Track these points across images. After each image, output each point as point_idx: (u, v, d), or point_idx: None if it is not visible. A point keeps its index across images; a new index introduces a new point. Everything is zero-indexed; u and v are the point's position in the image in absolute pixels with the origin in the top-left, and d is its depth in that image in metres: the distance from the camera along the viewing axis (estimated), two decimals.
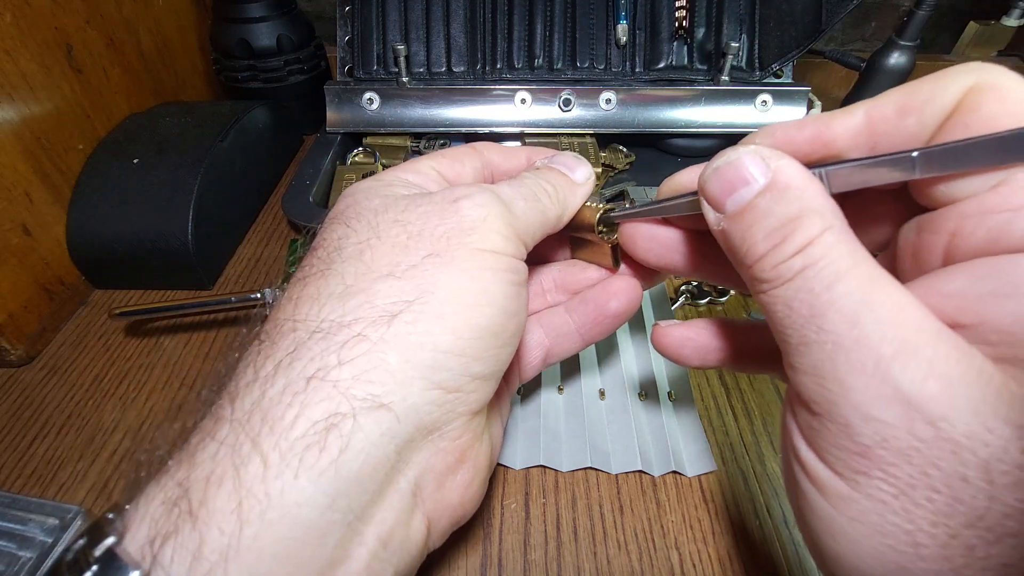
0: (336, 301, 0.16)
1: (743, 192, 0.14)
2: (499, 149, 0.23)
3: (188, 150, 0.36)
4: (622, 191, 0.41)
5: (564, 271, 0.24)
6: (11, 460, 0.27)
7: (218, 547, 0.12)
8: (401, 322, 0.15)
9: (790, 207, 0.13)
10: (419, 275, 0.16)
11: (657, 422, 0.27)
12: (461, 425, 0.16)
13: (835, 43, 0.65)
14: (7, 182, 0.30)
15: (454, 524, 0.18)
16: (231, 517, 0.13)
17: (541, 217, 0.19)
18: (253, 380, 0.15)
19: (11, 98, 0.31)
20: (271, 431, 0.13)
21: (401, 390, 0.15)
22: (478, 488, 0.18)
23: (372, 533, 0.15)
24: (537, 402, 0.28)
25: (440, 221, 0.17)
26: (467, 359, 0.16)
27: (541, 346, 0.23)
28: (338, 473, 0.13)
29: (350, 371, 0.14)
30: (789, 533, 0.24)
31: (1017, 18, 0.55)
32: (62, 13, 0.34)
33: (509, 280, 0.17)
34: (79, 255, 0.34)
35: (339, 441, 0.14)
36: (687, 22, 0.43)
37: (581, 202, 0.21)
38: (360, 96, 0.43)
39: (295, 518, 0.13)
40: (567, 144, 0.42)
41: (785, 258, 0.13)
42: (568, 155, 0.22)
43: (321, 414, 0.14)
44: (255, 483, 0.13)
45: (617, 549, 0.23)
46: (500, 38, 0.43)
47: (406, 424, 0.15)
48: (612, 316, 0.23)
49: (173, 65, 0.46)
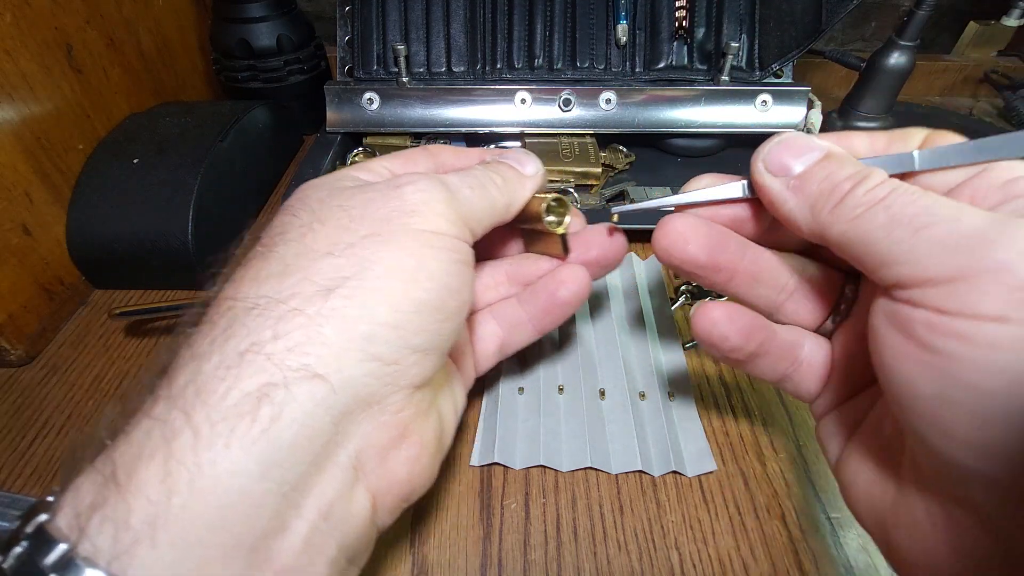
0: (275, 279, 0.16)
1: (809, 155, 0.17)
2: (452, 151, 0.23)
3: (188, 150, 0.36)
4: (622, 191, 0.41)
5: (517, 264, 0.25)
6: (11, 460, 0.27)
7: (146, 516, 0.12)
8: (338, 296, 0.15)
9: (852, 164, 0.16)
10: (358, 252, 0.16)
11: (657, 422, 0.27)
12: (402, 399, 0.17)
13: (835, 43, 0.65)
14: (7, 182, 0.30)
15: (403, 500, 0.18)
16: (160, 487, 0.13)
17: (488, 205, 0.20)
18: (190, 359, 0.15)
19: (11, 98, 0.31)
20: (203, 404, 0.14)
21: (336, 361, 0.15)
22: (426, 464, 0.18)
23: (311, 505, 0.15)
24: (537, 402, 0.28)
25: (382, 205, 0.17)
26: (406, 332, 0.16)
27: (495, 337, 0.24)
28: (271, 442, 0.14)
29: (285, 344, 0.14)
30: (789, 533, 0.24)
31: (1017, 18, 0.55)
32: (62, 13, 0.34)
33: (451, 259, 0.17)
34: (79, 255, 0.34)
35: (271, 410, 0.14)
36: (687, 22, 0.43)
37: (530, 194, 0.22)
38: (360, 96, 0.43)
39: (227, 487, 0.13)
40: (567, 144, 0.42)
41: (874, 185, 0.15)
42: (518, 151, 0.23)
43: (253, 385, 0.14)
44: (185, 453, 0.13)
45: (617, 549, 0.23)
46: (500, 38, 0.43)
47: (342, 395, 0.15)
48: (562, 304, 0.23)
49: (173, 65, 0.46)
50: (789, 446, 0.27)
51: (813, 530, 0.24)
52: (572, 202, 0.40)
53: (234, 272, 0.17)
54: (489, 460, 0.26)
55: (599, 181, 0.41)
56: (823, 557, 0.23)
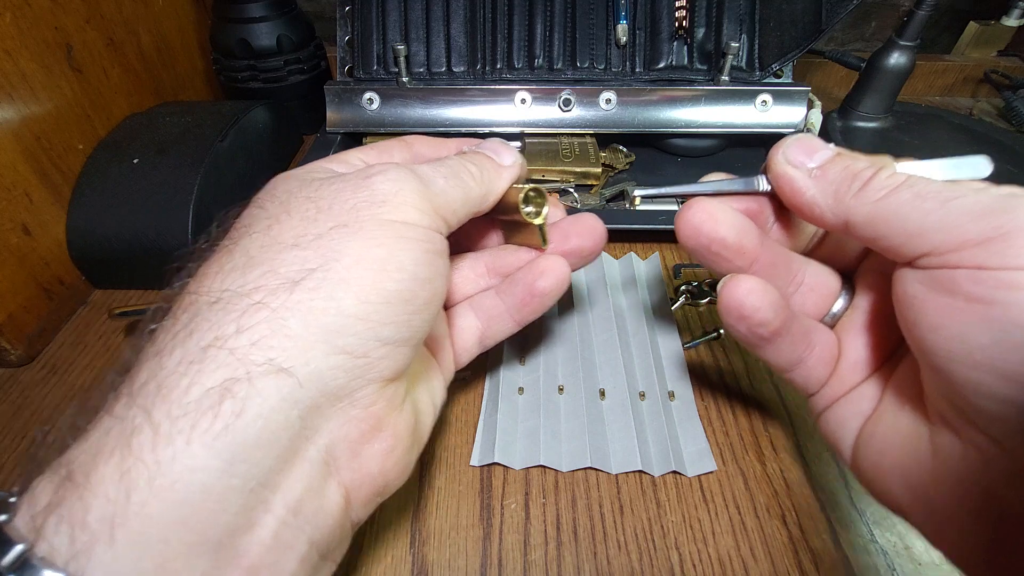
0: (238, 272, 0.16)
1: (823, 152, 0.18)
2: (429, 141, 0.23)
3: (188, 150, 0.36)
4: (622, 191, 0.41)
5: (495, 256, 0.25)
6: (11, 460, 0.27)
7: (103, 515, 0.12)
8: (303, 289, 0.15)
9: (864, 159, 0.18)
10: (324, 244, 0.16)
11: (657, 422, 0.27)
12: (373, 392, 0.16)
13: (835, 43, 0.65)
14: (7, 182, 0.30)
15: (377, 494, 0.18)
16: (118, 485, 0.12)
17: (463, 195, 0.20)
18: (152, 356, 0.15)
19: (11, 98, 0.31)
20: (164, 400, 0.13)
21: (302, 355, 0.15)
22: (400, 457, 0.18)
23: (280, 501, 0.15)
24: (537, 402, 0.28)
25: (352, 195, 0.17)
26: (374, 324, 0.16)
27: (475, 329, 0.24)
28: (234, 438, 0.13)
29: (248, 338, 0.14)
30: (789, 533, 0.24)
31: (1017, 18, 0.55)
32: (62, 13, 0.34)
33: (422, 249, 0.17)
34: (79, 255, 0.34)
35: (234, 406, 0.13)
36: (687, 22, 0.43)
37: (507, 184, 0.22)
38: (360, 96, 0.43)
39: (188, 483, 0.13)
40: (567, 144, 0.42)
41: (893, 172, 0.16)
42: (496, 141, 0.23)
43: (216, 381, 0.14)
44: (144, 451, 0.13)
45: (617, 549, 0.23)
46: (500, 38, 0.43)
47: (309, 389, 0.15)
48: (540, 295, 0.23)
49: (173, 65, 0.46)
50: (789, 446, 0.27)
51: (813, 530, 0.24)
52: (574, 201, 0.40)
53: (199, 266, 0.17)
54: (489, 460, 0.26)
55: (599, 181, 0.41)
56: (823, 557, 0.23)
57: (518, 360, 0.30)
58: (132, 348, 0.16)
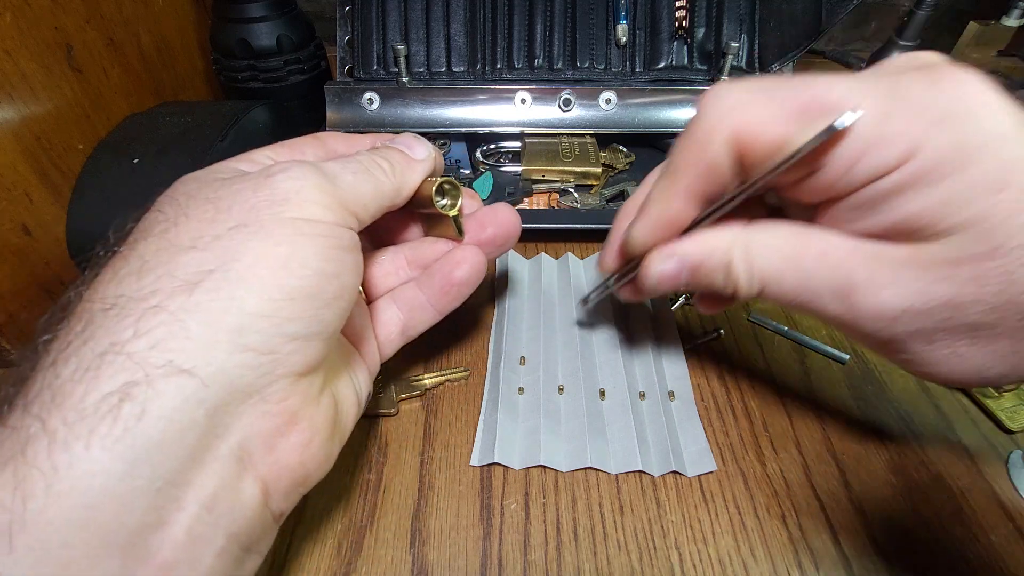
0: (133, 277, 0.15)
1: (682, 274, 0.21)
2: (342, 138, 0.23)
3: (188, 150, 0.36)
4: (622, 191, 0.41)
5: (415, 248, 0.25)
6: None
7: (0, 524, 0.12)
8: (202, 290, 0.15)
9: (697, 248, 0.21)
10: (223, 245, 0.16)
11: (657, 422, 0.27)
12: (285, 387, 0.16)
13: (835, 43, 0.65)
14: (7, 182, 0.30)
15: (299, 485, 0.18)
16: (13, 494, 0.12)
17: (374, 190, 0.20)
18: (47, 365, 0.14)
19: (11, 98, 0.31)
20: (59, 407, 0.13)
21: (205, 354, 0.15)
22: (319, 449, 0.18)
23: (191, 498, 0.15)
24: (537, 402, 0.28)
25: (252, 194, 0.17)
26: (280, 320, 0.16)
27: (397, 321, 0.24)
28: (135, 440, 0.13)
29: (146, 342, 0.14)
30: (789, 533, 0.24)
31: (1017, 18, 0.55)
32: (62, 13, 0.34)
33: (327, 245, 0.17)
34: (79, 255, 0.34)
35: (134, 408, 0.13)
36: (687, 22, 0.43)
37: (420, 178, 0.22)
38: (360, 96, 0.43)
39: (87, 487, 0.13)
40: (567, 144, 0.42)
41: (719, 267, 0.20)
42: (408, 136, 0.23)
43: (114, 385, 0.14)
44: (39, 458, 0.13)
45: (617, 549, 0.23)
46: (500, 38, 0.43)
47: (215, 388, 0.15)
48: (458, 284, 0.24)
49: (173, 65, 0.46)
50: (789, 446, 0.27)
51: (813, 530, 0.24)
52: (574, 201, 0.40)
53: (95, 274, 0.16)
54: (489, 460, 0.26)
55: (599, 181, 0.41)
56: (823, 557, 0.23)
57: (518, 360, 0.30)
58: (26, 360, 0.15)
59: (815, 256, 0.18)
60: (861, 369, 0.30)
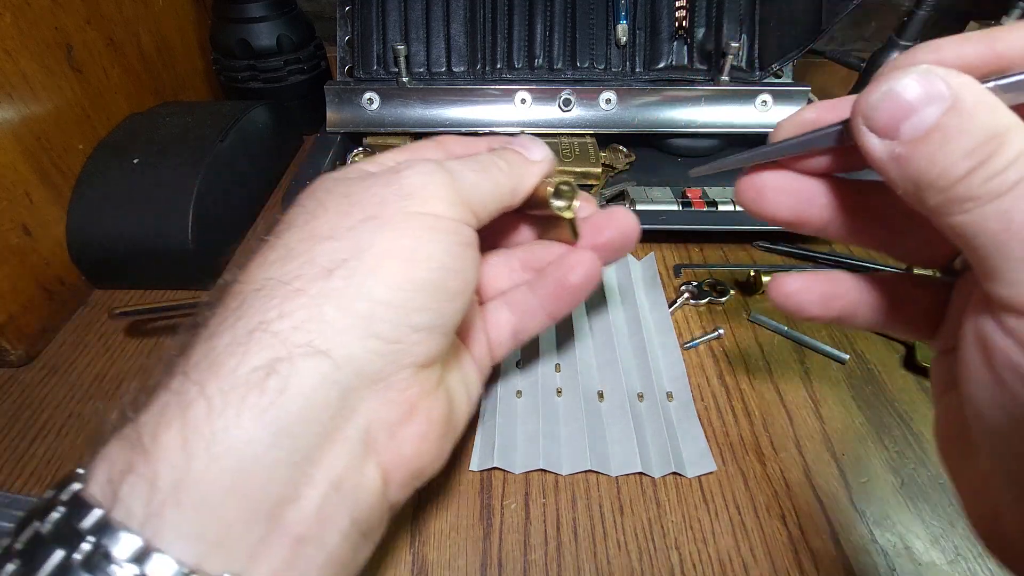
0: (279, 263, 0.17)
1: (926, 113, 0.13)
2: (461, 141, 0.23)
3: (188, 150, 0.36)
4: (622, 191, 0.41)
5: (529, 251, 0.25)
6: (11, 460, 0.27)
7: (170, 479, 0.13)
8: (337, 277, 0.16)
9: (988, 123, 0.12)
10: (356, 235, 0.17)
11: (656, 423, 0.27)
12: (408, 377, 0.17)
13: (835, 43, 0.65)
14: (7, 182, 0.30)
15: (414, 477, 0.18)
16: (179, 452, 0.13)
17: (493, 189, 0.20)
18: (205, 338, 0.16)
19: (11, 98, 0.31)
20: (215, 376, 0.14)
21: (338, 338, 0.15)
22: (434, 442, 0.19)
23: (322, 476, 0.15)
24: (536, 405, 0.28)
25: (382, 189, 0.18)
26: (405, 310, 0.16)
27: (509, 324, 0.24)
28: (278, 413, 0.14)
29: (290, 322, 0.15)
30: (789, 533, 0.24)
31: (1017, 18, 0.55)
32: (62, 13, 0.34)
33: (451, 240, 0.18)
34: (79, 255, 0.34)
35: (278, 383, 0.14)
36: (687, 22, 0.43)
37: (537, 180, 0.22)
38: (360, 96, 0.42)
39: (240, 453, 0.14)
40: (567, 144, 0.42)
41: (997, 172, 0.12)
42: (526, 137, 0.23)
43: (261, 360, 0.15)
44: (200, 422, 0.14)
45: (617, 549, 0.23)
46: (500, 38, 0.43)
47: (346, 371, 0.16)
48: (572, 288, 0.23)
49: (173, 65, 0.46)
50: (789, 446, 0.27)
51: (813, 530, 0.24)
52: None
53: (248, 260, 0.18)
54: (489, 465, 0.26)
55: (599, 181, 0.41)
56: (823, 557, 0.23)
57: (516, 363, 0.30)
58: (186, 331, 0.17)
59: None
60: (861, 369, 0.30)
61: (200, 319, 0.17)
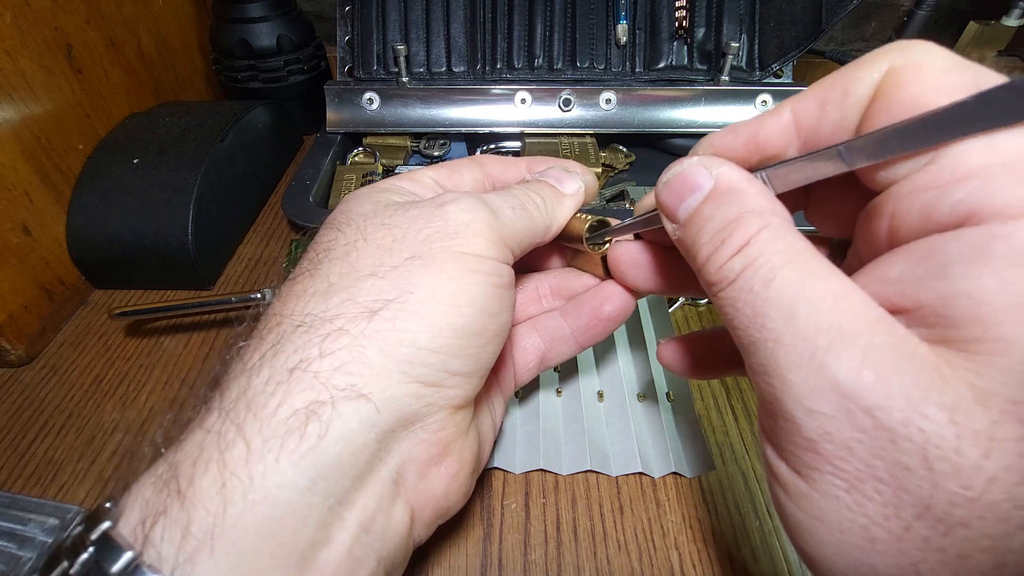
0: (320, 298, 0.16)
1: (690, 200, 0.15)
2: (499, 161, 0.23)
3: (188, 150, 0.36)
4: (622, 191, 0.41)
5: (560, 278, 0.25)
6: (11, 460, 0.27)
7: (204, 525, 0.13)
8: (381, 319, 0.16)
9: (730, 210, 0.14)
10: (400, 275, 0.16)
11: (656, 423, 0.27)
12: (443, 418, 0.17)
13: (835, 43, 0.65)
14: (7, 182, 0.30)
15: (440, 516, 0.18)
16: (216, 497, 0.13)
17: (529, 226, 0.20)
18: (241, 372, 0.15)
19: (11, 98, 0.31)
20: (255, 418, 0.14)
21: (380, 382, 0.15)
22: (463, 481, 0.18)
23: (353, 518, 0.15)
24: (536, 405, 0.28)
25: (425, 224, 0.17)
26: (445, 356, 0.16)
27: (536, 350, 0.24)
28: (318, 458, 0.14)
29: (331, 363, 0.15)
30: None
31: (1017, 18, 0.55)
32: (62, 13, 0.34)
33: (491, 283, 0.17)
34: (79, 255, 0.34)
35: (319, 428, 0.14)
36: (687, 22, 0.43)
37: (570, 214, 0.22)
38: (360, 96, 0.43)
39: (276, 499, 0.13)
40: (567, 144, 0.42)
41: (726, 260, 0.13)
42: (559, 169, 0.23)
43: (302, 402, 0.14)
44: (238, 466, 0.13)
45: (617, 549, 0.23)
46: (500, 38, 0.43)
47: (386, 414, 0.15)
48: (606, 319, 0.23)
49: (173, 65, 0.46)
50: None
51: None
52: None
53: (282, 288, 0.18)
54: (489, 465, 0.26)
55: (599, 181, 0.41)
56: None
57: None
58: (220, 362, 0.17)
59: None
60: None
61: (234, 348, 0.17)
